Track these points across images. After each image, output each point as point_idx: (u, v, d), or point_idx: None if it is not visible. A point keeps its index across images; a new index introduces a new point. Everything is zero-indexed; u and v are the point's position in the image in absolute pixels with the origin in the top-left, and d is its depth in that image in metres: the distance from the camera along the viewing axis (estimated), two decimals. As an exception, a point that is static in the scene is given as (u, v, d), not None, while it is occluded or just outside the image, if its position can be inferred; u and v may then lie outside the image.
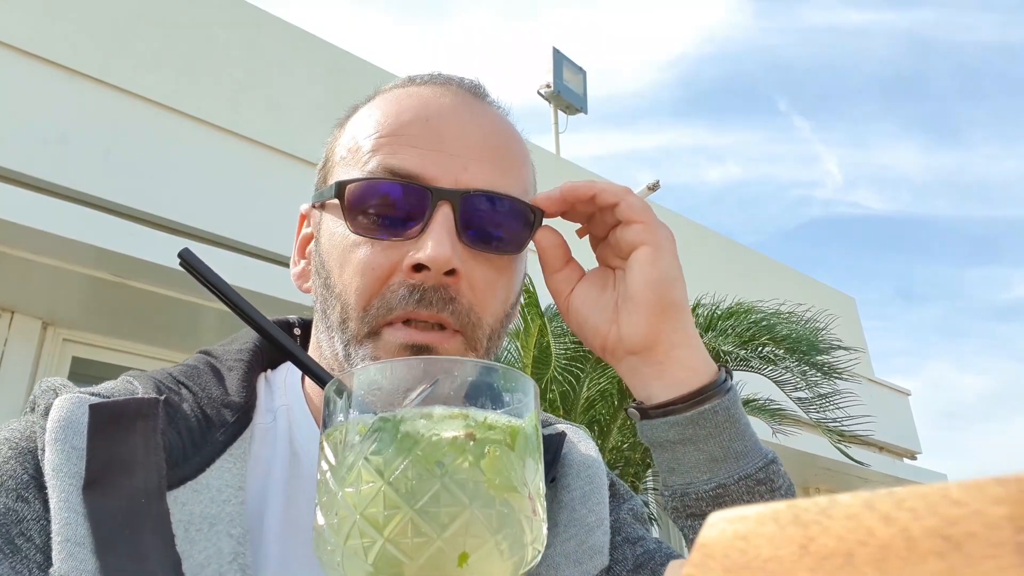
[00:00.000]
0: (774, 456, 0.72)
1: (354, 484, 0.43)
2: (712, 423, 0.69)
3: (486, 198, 0.72)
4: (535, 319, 4.19)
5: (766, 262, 9.00)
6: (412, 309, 0.68)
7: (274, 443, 0.73)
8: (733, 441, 0.70)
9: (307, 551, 0.67)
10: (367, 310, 0.70)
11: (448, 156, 0.72)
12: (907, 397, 9.70)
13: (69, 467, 0.60)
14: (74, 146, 4.16)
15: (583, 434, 0.87)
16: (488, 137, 0.76)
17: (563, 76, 8.47)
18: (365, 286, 0.70)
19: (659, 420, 0.71)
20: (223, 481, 0.64)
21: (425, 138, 0.73)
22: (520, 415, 0.46)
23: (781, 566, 0.22)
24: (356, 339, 0.70)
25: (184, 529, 0.60)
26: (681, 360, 0.71)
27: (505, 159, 0.76)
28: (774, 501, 0.24)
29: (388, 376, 0.46)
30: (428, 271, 0.68)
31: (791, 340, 4.27)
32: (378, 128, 0.74)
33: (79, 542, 0.57)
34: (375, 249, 0.70)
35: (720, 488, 0.69)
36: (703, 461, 0.70)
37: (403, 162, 0.71)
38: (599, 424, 4.43)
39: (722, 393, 0.70)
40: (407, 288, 0.68)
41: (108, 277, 4.01)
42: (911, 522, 0.20)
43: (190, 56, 4.96)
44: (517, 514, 0.43)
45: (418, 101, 0.76)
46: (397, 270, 0.69)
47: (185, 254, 0.64)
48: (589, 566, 0.73)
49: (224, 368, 0.75)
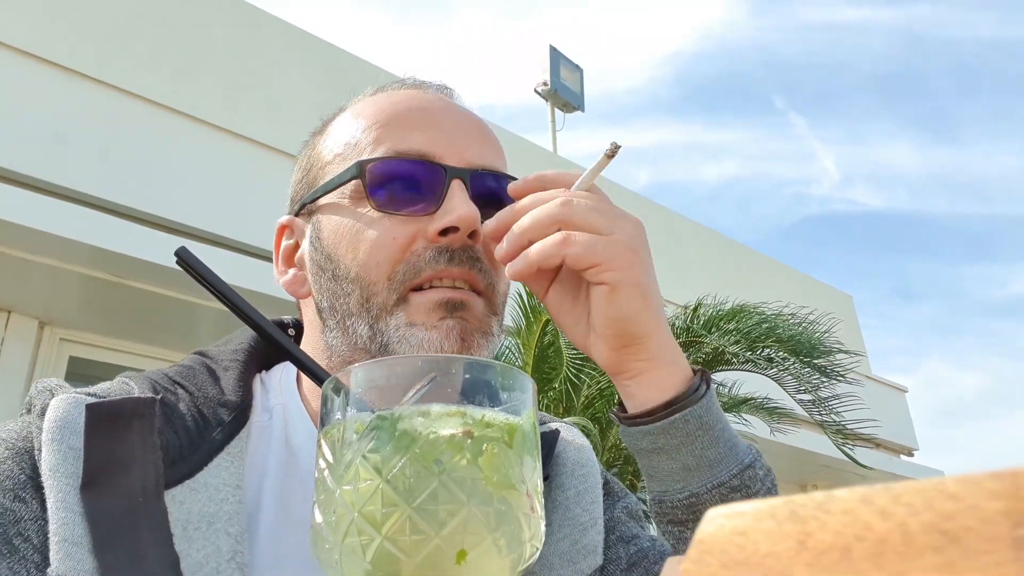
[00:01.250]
0: (752, 460, 0.71)
1: (352, 482, 0.43)
2: (683, 432, 0.68)
3: (492, 176, 0.76)
4: (537, 317, 4.19)
5: (764, 260, 9.00)
6: (444, 267, 0.71)
7: (270, 442, 0.73)
8: (706, 449, 0.68)
9: (303, 548, 0.68)
10: (392, 278, 0.71)
11: (451, 136, 0.76)
12: (904, 394, 9.72)
13: (66, 467, 0.60)
14: (72, 146, 4.15)
15: (577, 432, 0.87)
16: (476, 123, 0.81)
17: (560, 74, 8.47)
18: (388, 257, 0.72)
19: (633, 429, 0.71)
20: (220, 480, 0.65)
21: (427, 123, 0.77)
22: (518, 413, 0.46)
23: (779, 561, 0.22)
24: (385, 310, 0.71)
25: (182, 528, 0.60)
26: (647, 382, 0.70)
27: (493, 144, 0.81)
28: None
29: (386, 374, 0.46)
30: (455, 234, 0.71)
31: (793, 342, 4.28)
32: (376, 120, 0.77)
33: (76, 542, 0.57)
34: (394, 221, 0.73)
35: (693, 497, 0.69)
36: (676, 470, 0.69)
37: (413, 144, 0.74)
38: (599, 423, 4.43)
39: (694, 402, 0.68)
40: (434, 250, 0.71)
41: (106, 277, 4.00)
42: (908, 517, 0.20)
43: (188, 56, 4.95)
44: (515, 511, 0.43)
45: (406, 96, 0.80)
46: (418, 238, 0.72)
47: (182, 253, 0.64)
48: (583, 565, 0.73)
49: (220, 368, 0.75)
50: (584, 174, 0.71)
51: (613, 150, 0.68)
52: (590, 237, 0.66)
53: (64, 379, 2.52)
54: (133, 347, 4.60)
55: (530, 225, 0.67)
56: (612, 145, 0.68)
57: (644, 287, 0.68)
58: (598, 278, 0.66)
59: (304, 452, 0.73)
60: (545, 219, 0.67)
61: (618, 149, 0.68)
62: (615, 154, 0.69)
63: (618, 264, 0.66)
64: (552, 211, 0.67)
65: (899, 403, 9.59)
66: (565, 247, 0.65)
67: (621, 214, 0.69)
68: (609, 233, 0.66)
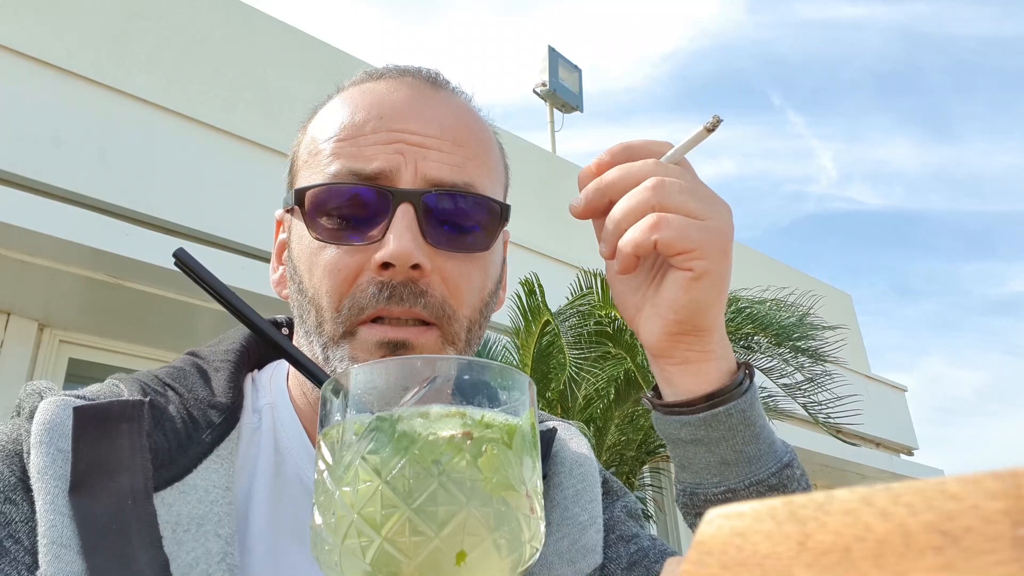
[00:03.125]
0: (790, 459, 0.69)
1: (351, 483, 0.43)
2: (725, 426, 0.66)
3: (448, 195, 0.70)
4: (537, 319, 4.19)
5: (762, 259, 9.01)
6: (383, 306, 0.68)
7: (260, 443, 0.73)
8: (747, 444, 0.66)
9: (293, 548, 0.68)
10: (339, 311, 0.69)
11: (406, 149, 0.71)
12: (903, 393, 9.73)
13: (54, 469, 0.60)
14: (69, 147, 4.15)
15: (575, 431, 0.86)
16: (446, 127, 0.73)
17: (559, 75, 8.47)
18: (334, 288, 0.69)
19: (671, 418, 0.68)
20: (210, 482, 0.64)
21: (382, 136, 0.71)
22: (517, 413, 0.46)
23: (779, 562, 0.22)
24: (332, 340, 0.69)
25: (172, 530, 0.60)
26: (693, 372, 0.67)
27: (466, 147, 0.74)
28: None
29: (385, 375, 0.46)
30: (394, 268, 0.67)
31: (777, 327, 4.26)
32: (336, 131, 0.73)
33: (65, 544, 0.57)
34: (341, 251, 0.70)
35: (730, 492, 0.67)
36: (714, 464, 0.67)
37: (362, 164, 0.70)
38: (596, 423, 4.43)
39: (738, 396, 0.66)
40: (376, 286, 0.68)
41: (104, 278, 4.00)
42: (908, 517, 0.20)
43: (184, 56, 4.95)
44: (515, 512, 0.43)
45: (372, 98, 0.75)
46: (365, 269, 0.69)
47: (180, 254, 0.64)
48: (582, 565, 0.72)
49: (211, 369, 0.75)
50: (677, 147, 0.65)
51: (714, 124, 0.62)
52: (684, 221, 0.61)
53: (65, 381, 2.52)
54: (133, 348, 4.59)
55: (622, 216, 0.62)
56: (714, 118, 0.62)
57: (726, 281, 0.64)
58: (686, 264, 0.62)
59: (292, 452, 0.73)
60: (637, 207, 0.62)
61: (719, 123, 0.62)
62: (715, 128, 0.62)
63: (709, 253, 0.61)
64: (644, 197, 0.61)
65: (899, 403, 9.59)
66: (656, 231, 0.60)
67: (714, 197, 0.64)
68: (705, 218, 0.61)
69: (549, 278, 4.41)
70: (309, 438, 0.74)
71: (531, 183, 6.48)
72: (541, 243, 5.91)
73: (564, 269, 5.56)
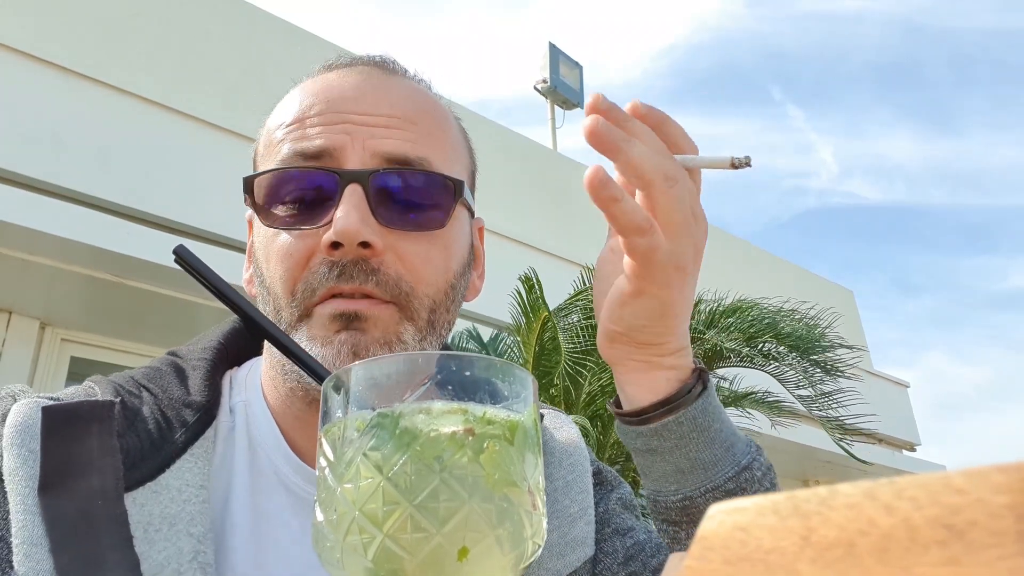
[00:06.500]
0: (750, 461, 0.67)
1: (353, 480, 0.43)
2: (676, 435, 0.65)
3: (397, 174, 0.70)
4: (538, 314, 4.18)
5: (764, 256, 9.00)
6: (334, 284, 0.67)
7: (235, 440, 0.73)
8: (700, 451, 0.65)
9: (272, 543, 0.68)
10: (293, 295, 0.69)
11: (353, 129, 0.70)
12: (906, 389, 9.72)
13: (25, 470, 0.61)
14: (70, 146, 4.15)
15: (565, 419, 0.84)
16: (396, 106, 0.73)
17: (559, 71, 8.46)
18: (287, 273, 0.69)
19: (626, 427, 0.68)
20: (183, 481, 0.65)
21: (328, 116, 0.71)
22: (519, 410, 0.46)
23: (783, 557, 0.22)
24: (291, 326, 0.69)
25: (143, 530, 0.61)
26: (640, 381, 0.66)
27: (419, 124, 0.73)
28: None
29: (386, 371, 0.46)
30: (344, 247, 0.67)
31: (794, 338, 4.27)
32: (286, 118, 0.74)
33: (36, 542, 0.58)
34: (292, 236, 0.70)
35: (687, 500, 0.66)
36: (670, 472, 0.67)
37: (306, 144, 0.70)
38: (600, 419, 4.43)
39: (688, 403, 0.65)
40: (327, 265, 0.68)
41: (106, 277, 4.00)
42: (913, 511, 0.20)
43: (186, 55, 4.95)
44: (517, 508, 0.43)
45: (323, 86, 0.75)
46: (317, 252, 0.68)
47: (180, 251, 0.64)
48: (572, 558, 0.72)
49: (188, 368, 0.75)
50: (696, 157, 0.62)
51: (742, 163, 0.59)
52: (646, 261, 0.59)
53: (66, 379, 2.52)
54: (134, 347, 4.60)
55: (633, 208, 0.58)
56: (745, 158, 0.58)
57: (672, 306, 0.62)
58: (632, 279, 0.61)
59: (265, 448, 0.72)
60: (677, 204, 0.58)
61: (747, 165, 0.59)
62: (740, 167, 0.59)
63: (657, 278, 0.60)
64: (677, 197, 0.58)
65: (901, 398, 9.59)
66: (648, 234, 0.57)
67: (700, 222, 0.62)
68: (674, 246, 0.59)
69: (550, 274, 4.40)
70: (282, 433, 0.74)
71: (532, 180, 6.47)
72: (542, 240, 5.91)
73: (565, 265, 5.55)
